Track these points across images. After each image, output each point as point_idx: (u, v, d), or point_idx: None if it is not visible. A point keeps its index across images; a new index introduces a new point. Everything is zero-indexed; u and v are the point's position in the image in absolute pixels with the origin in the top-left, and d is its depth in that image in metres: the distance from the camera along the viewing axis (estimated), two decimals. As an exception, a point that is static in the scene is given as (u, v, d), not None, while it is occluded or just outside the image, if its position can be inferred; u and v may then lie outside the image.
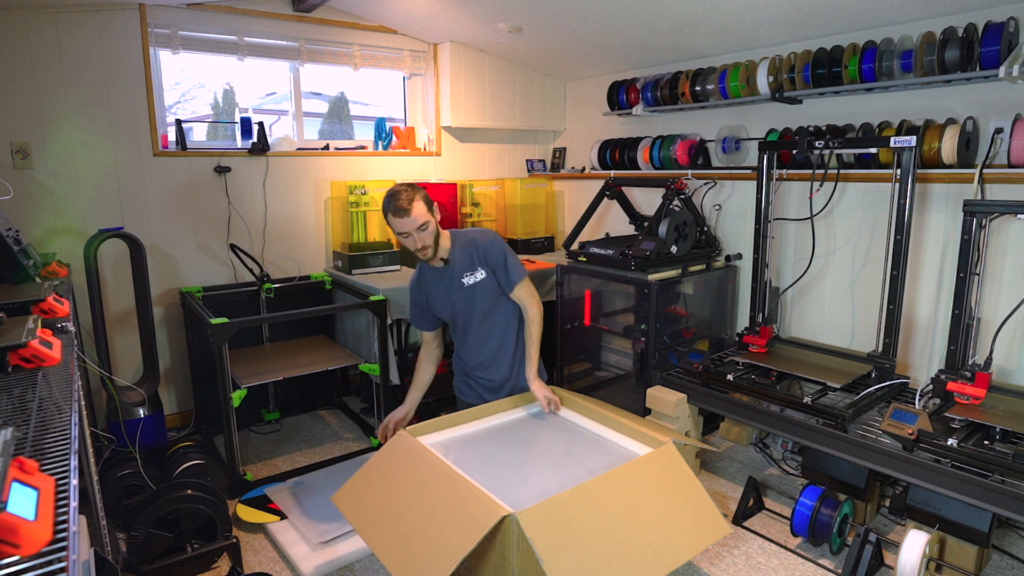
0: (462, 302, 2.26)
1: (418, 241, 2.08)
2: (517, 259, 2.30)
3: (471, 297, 2.25)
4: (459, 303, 2.26)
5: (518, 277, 2.26)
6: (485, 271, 2.22)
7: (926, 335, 2.81)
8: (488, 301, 2.26)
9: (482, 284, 2.23)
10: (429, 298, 2.31)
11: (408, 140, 4.09)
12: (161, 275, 3.29)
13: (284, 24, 3.49)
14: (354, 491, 1.88)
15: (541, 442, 2.10)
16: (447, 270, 2.23)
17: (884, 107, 2.87)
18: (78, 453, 0.99)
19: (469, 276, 2.22)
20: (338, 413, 3.73)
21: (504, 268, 2.23)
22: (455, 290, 2.25)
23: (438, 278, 2.27)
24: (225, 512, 2.25)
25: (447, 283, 2.25)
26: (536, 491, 1.74)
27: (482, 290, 2.24)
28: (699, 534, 1.70)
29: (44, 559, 0.72)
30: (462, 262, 2.22)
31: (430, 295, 2.30)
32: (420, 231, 2.06)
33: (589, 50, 3.73)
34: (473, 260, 2.22)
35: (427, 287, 2.30)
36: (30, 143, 2.89)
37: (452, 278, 2.24)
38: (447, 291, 2.26)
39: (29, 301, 1.67)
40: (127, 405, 2.77)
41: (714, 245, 3.43)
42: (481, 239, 2.24)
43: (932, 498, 2.11)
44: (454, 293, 2.25)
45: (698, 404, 2.82)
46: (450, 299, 2.27)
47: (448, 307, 2.29)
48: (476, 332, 2.30)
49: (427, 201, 2.08)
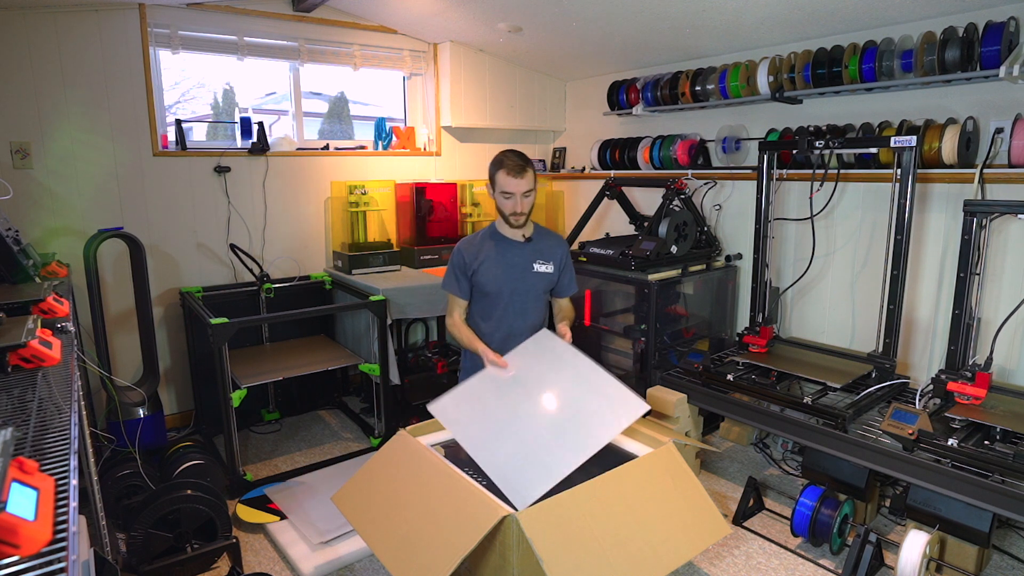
0: (521, 283, 2.25)
1: (519, 205, 2.14)
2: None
3: (531, 283, 2.26)
4: (518, 282, 2.25)
5: (575, 288, 2.37)
6: (555, 267, 2.29)
7: (926, 335, 2.81)
8: (539, 293, 2.30)
9: (546, 277, 2.28)
10: (482, 264, 2.24)
11: (408, 140, 4.09)
12: (161, 275, 3.29)
13: (284, 24, 3.49)
14: (354, 491, 1.88)
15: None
16: (525, 247, 2.26)
17: (884, 107, 2.87)
18: (78, 453, 0.99)
19: (541, 264, 2.27)
20: (338, 413, 3.73)
21: (569, 273, 2.34)
22: (521, 268, 2.25)
23: (509, 250, 2.24)
24: (225, 512, 2.25)
25: (517, 259, 2.25)
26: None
27: (542, 282, 2.28)
28: (699, 534, 1.70)
29: (44, 559, 0.72)
30: (543, 248, 2.28)
31: (487, 261, 2.24)
32: (525, 196, 2.13)
33: (589, 50, 3.73)
34: (555, 253, 2.29)
35: (487, 253, 2.25)
36: (30, 143, 2.89)
37: (526, 257, 2.25)
38: (511, 266, 2.24)
39: (29, 301, 1.67)
40: (127, 405, 2.77)
41: (714, 245, 3.43)
42: (561, 240, 2.37)
43: (932, 498, 2.11)
44: (518, 270, 2.24)
45: (698, 404, 2.82)
46: (510, 274, 2.24)
47: (499, 279, 2.24)
48: (513, 316, 2.28)
49: (535, 172, 2.18)
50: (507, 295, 2.26)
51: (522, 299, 2.26)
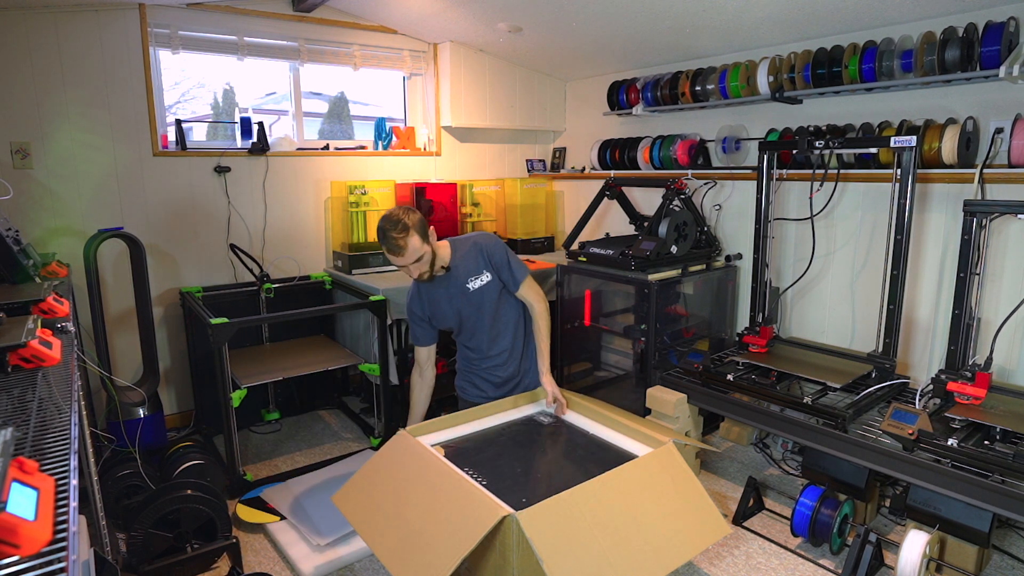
0: (468, 307, 2.25)
1: (414, 271, 2.12)
2: (518, 258, 2.31)
3: (479, 301, 2.25)
4: (465, 308, 2.25)
5: (522, 276, 2.28)
6: (490, 273, 2.24)
7: (926, 335, 2.81)
8: (495, 302, 2.26)
9: (488, 287, 2.24)
10: (432, 309, 2.28)
11: (408, 140, 4.09)
12: (161, 275, 3.29)
13: (284, 24, 3.49)
14: (354, 491, 1.88)
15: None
16: (448, 277, 2.23)
17: (884, 107, 2.87)
18: (78, 453, 0.99)
19: (474, 280, 2.23)
20: (338, 413, 3.73)
21: (508, 268, 2.25)
22: (459, 296, 2.24)
23: (439, 286, 2.26)
24: (225, 512, 2.25)
25: (450, 290, 2.25)
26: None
27: (489, 292, 2.24)
28: (699, 534, 1.70)
29: (44, 559, 0.72)
30: (466, 267, 2.22)
31: (432, 305, 2.28)
32: (416, 264, 2.09)
33: (589, 50, 3.73)
34: (478, 263, 2.23)
35: (428, 298, 2.28)
36: (30, 143, 2.89)
37: (456, 284, 2.24)
38: (450, 298, 2.25)
39: (29, 301, 1.67)
40: (127, 405, 2.77)
41: (714, 245, 3.43)
42: (483, 241, 2.25)
43: (932, 498, 2.11)
44: (458, 299, 2.25)
45: (698, 404, 2.82)
46: (454, 305, 2.26)
47: (453, 314, 2.28)
48: (487, 333, 2.29)
49: (421, 230, 2.05)
50: (469, 321, 2.28)
51: (484, 316, 2.26)
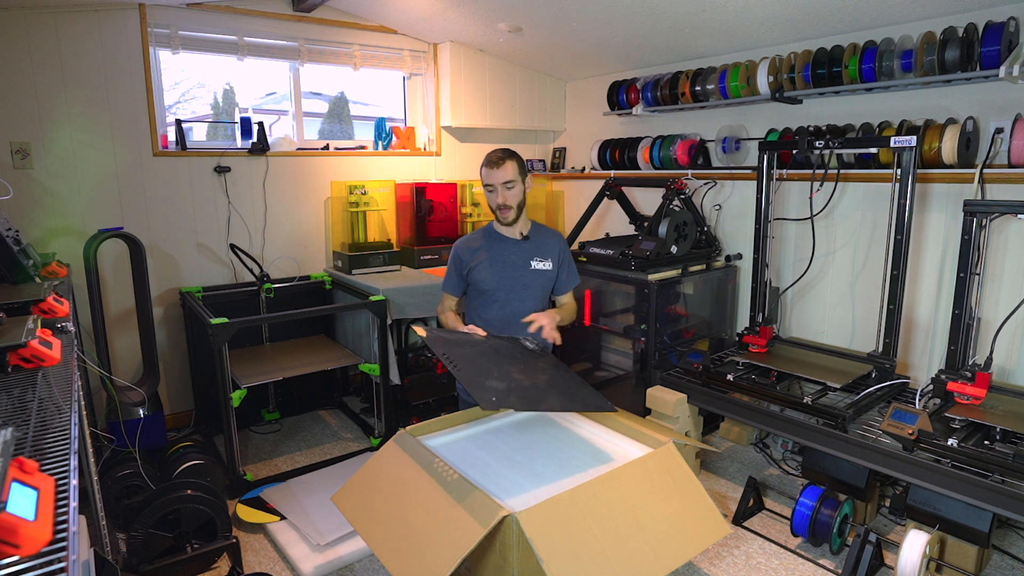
0: (517, 281, 2.26)
1: (500, 197, 2.16)
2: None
3: (530, 281, 2.27)
4: (514, 280, 2.26)
5: (575, 283, 2.38)
6: (555, 264, 2.29)
7: (926, 335, 2.81)
8: (540, 289, 2.31)
9: (543, 274, 2.29)
10: (479, 262, 2.26)
11: (408, 140, 4.09)
12: (161, 275, 3.29)
13: (284, 24, 3.49)
14: (354, 491, 1.87)
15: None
16: (522, 245, 2.27)
17: (884, 107, 2.87)
18: (78, 453, 0.99)
19: (539, 262, 2.28)
20: (338, 413, 3.73)
21: (569, 268, 2.35)
22: (517, 265, 2.25)
23: (505, 248, 2.27)
24: (225, 512, 2.25)
25: (514, 256, 2.26)
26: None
27: (543, 278, 2.29)
28: (699, 534, 1.70)
29: (44, 559, 0.72)
30: (540, 245, 2.28)
31: (482, 259, 2.25)
32: (505, 187, 2.14)
33: (589, 50, 3.73)
34: (552, 249, 2.30)
35: (483, 251, 2.26)
36: (30, 143, 2.89)
37: (523, 255, 2.27)
38: (507, 264, 2.25)
39: (29, 301, 1.67)
40: (127, 405, 2.77)
41: (714, 245, 3.43)
42: (559, 236, 2.38)
43: (932, 498, 2.11)
44: (514, 268, 2.25)
45: (698, 404, 2.82)
46: (506, 272, 2.25)
47: (494, 277, 2.25)
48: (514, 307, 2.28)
49: (521, 166, 2.18)
50: (503, 293, 2.26)
51: (519, 297, 2.26)
